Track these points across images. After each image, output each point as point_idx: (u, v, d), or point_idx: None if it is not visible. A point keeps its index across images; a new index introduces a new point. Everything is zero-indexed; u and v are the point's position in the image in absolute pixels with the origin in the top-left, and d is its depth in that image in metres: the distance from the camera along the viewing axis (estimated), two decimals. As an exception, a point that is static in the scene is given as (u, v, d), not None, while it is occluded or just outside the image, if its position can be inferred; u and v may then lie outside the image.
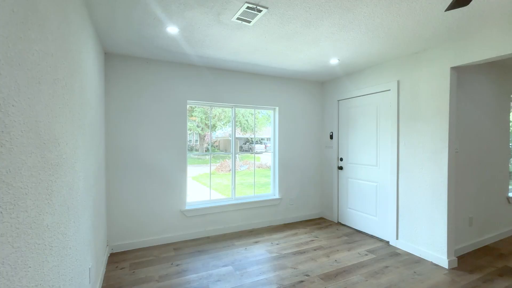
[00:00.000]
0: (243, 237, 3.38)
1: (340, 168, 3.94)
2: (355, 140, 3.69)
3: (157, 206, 3.16)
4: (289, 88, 4.03)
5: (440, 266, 2.60)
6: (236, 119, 4.07)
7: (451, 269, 2.55)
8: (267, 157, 4.22)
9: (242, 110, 4.12)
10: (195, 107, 3.97)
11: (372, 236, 3.42)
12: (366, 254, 2.88)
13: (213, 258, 2.79)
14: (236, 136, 3.91)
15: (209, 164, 3.71)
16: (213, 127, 4.58)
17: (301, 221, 4.08)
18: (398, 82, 3.05)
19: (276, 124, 4.00)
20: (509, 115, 3.49)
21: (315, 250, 3.00)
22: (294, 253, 2.91)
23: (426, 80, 2.76)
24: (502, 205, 3.41)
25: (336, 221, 4.02)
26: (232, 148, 3.80)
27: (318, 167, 4.31)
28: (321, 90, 4.31)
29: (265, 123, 4.30)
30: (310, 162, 4.23)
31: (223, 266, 2.62)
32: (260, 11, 1.96)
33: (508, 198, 3.46)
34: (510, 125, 3.59)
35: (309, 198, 4.23)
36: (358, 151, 3.65)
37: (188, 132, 3.67)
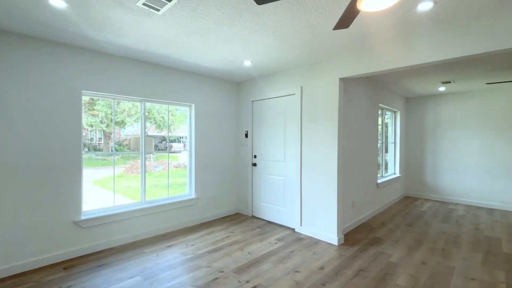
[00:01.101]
0: (155, 243, 3.14)
1: (254, 164, 4.18)
2: (267, 138, 3.98)
3: (39, 219, 2.55)
4: (205, 86, 3.97)
5: (332, 244, 3.11)
6: (150, 116, 3.75)
7: (340, 245, 3.09)
8: (185, 156, 4.04)
9: (157, 106, 3.80)
10: (98, 99, 3.40)
11: (281, 226, 3.77)
12: (276, 243, 3.16)
13: (118, 270, 2.48)
14: (151, 134, 3.60)
15: (116, 166, 3.27)
16: (122, 123, 4.06)
17: (218, 219, 4.11)
18: (302, 88, 3.46)
19: (192, 121, 3.88)
20: (377, 120, 4.50)
21: (230, 245, 3.08)
22: (210, 252, 2.90)
23: (322, 87, 3.24)
24: (374, 190, 4.37)
25: (250, 215, 4.24)
26: (142, 147, 3.47)
27: (234, 165, 4.43)
28: (237, 90, 4.44)
29: (183, 120, 4.10)
30: (227, 160, 4.30)
31: (130, 277, 2.36)
32: (169, 0, 1.84)
33: (377, 184, 4.46)
34: (379, 128, 4.64)
35: (226, 195, 4.31)
36: (269, 149, 3.95)
37: (89, 128, 3.14)
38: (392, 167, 5.55)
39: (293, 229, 3.62)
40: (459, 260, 2.73)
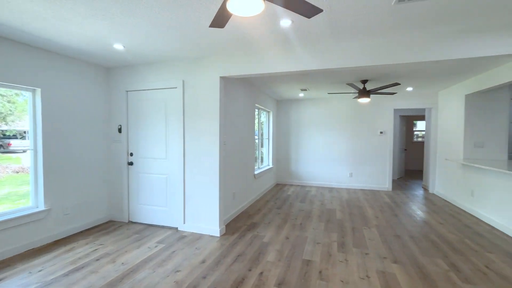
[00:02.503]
0: (-30, 281, 2.22)
1: (131, 163, 3.72)
2: (146, 134, 3.63)
3: None
4: (60, 67, 3.14)
5: (215, 236, 3.24)
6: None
7: (221, 236, 3.26)
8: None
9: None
10: None
11: (163, 227, 3.56)
12: (156, 246, 2.95)
13: None
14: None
15: None
16: None
17: (82, 231, 3.39)
18: (184, 82, 3.36)
19: (38, 111, 2.98)
20: (254, 119, 5.03)
21: (97, 260, 2.61)
22: (67, 274, 2.35)
23: (204, 84, 3.27)
24: (251, 180, 4.88)
25: (127, 221, 3.76)
26: None
27: (104, 165, 3.77)
28: (106, 76, 3.78)
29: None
30: (93, 159, 3.60)
31: None
32: None
33: (254, 175, 5.00)
34: (256, 125, 5.19)
35: (94, 202, 3.61)
36: (149, 145, 3.62)
37: None
38: (266, 159, 6.38)
39: (176, 228, 3.50)
40: (311, 230, 3.49)
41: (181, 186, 3.42)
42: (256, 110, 5.48)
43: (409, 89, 5.26)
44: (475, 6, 1.99)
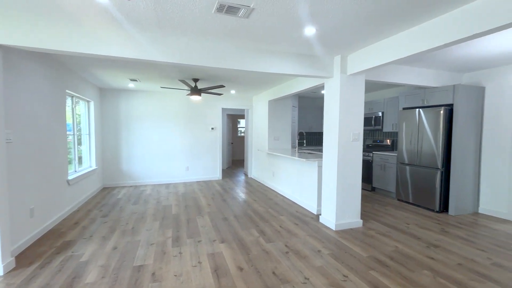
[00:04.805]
0: None
1: None
2: None
3: None
4: None
5: (-6, 276, 2.24)
6: None
7: (8, 273, 2.30)
8: None
9: None
10: None
11: None
12: None
13: None
14: None
15: None
16: None
17: None
18: None
19: None
20: (65, 109, 3.94)
21: None
22: None
23: (-40, 51, 2.12)
24: (63, 188, 3.82)
25: None
26: None
27: None
28: None
29: None
30: None
31: None
32: None
33: (68, 181, 3.95)
34: (69, 118, 4.09)
35: None
36: None
37: None
38: (87, 159, 5.23)
39: None
40: (144, 232, 3.26)
41: None
42: (69, 98, 4.30)
43: (233, 92, 6.18)
44: (265, 36, 2.63)
